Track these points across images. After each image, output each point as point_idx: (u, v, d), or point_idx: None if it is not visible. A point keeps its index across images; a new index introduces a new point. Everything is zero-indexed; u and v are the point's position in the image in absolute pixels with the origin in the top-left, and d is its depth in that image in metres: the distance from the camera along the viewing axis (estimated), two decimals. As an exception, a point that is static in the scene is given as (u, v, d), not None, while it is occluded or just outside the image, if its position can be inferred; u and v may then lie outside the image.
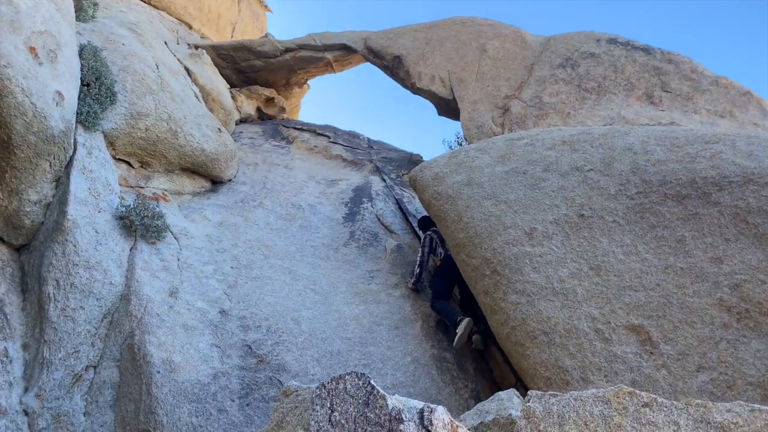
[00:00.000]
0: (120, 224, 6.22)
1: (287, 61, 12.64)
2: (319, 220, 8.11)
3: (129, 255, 6.03)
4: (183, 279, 5.99)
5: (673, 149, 4.53)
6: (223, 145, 8.84)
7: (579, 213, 4.67)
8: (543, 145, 5.50)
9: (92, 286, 5.54)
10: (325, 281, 6.63)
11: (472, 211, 5.40)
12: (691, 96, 7.38)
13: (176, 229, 6.80)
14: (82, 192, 6.11)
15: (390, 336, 5.81)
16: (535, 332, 4.35)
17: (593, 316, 4.14)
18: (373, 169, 10.14)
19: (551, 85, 8.36)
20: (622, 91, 7.79)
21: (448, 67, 9.72)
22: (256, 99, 13.05)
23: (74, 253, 5.60)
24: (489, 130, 8.41)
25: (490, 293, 4.89)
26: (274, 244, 7.19)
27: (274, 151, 10.77)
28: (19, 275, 5.89)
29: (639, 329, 3.94)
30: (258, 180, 9.19)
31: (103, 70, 7.21)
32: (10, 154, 5.65)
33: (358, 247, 7.51)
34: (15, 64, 5.57)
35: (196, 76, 10.64)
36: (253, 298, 6.04)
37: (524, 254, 4.73)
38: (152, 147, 7.64)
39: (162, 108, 7.76)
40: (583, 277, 4.34)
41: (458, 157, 6.24)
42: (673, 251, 4.06)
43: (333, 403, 2.12)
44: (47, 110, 5.79)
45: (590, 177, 4.82)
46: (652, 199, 4.35)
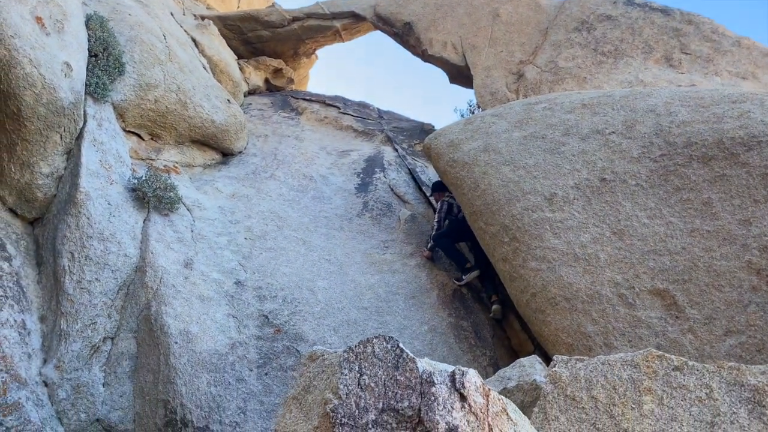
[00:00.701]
0: (132, 196, 6.16)
1: (295, 30, 12.43)
2: (332, 191, 8.03)
3: (142, 227, 5.99)
4: (197, 250, 5.95)
5: (698, 110, 4.39)
6: (232, 116, 8.74)
7: (601, 177, 4.56)
8: (562, 108, 5.36)
9: (107, 258, 5.51)
10: (340, 251, 6.57)
11: (490, 177, 5.30)
12: (711, 58, 7.18)
13: (189, 201, 6.75)
14: (94, 164, 6.05)
15: (406, 305, 5.77)
16: (556, 298, 4.29)
17: (616, 281, 4.06)
18: (385, 139, 10.01)
19: (567, 50, 8.16)
20: (639, 54, 7.59)
21: (459, 33, 9.51)
22: (264, 70, 12.89)
23: (88, 225, 5.56)
24: (503, 97, 8.25)
25: (508, 260, 4.81)
26: (288, 215, 7.13)
27: (284, 122, 10.65)
28: (33, 248, 5.87)
29: (664, 294, 3.86)
30: (269, 151, 9.10)
31: (110, 40, 7.09)
32: (21, 126, 5.59)
33: (371, 218, 7.44)
34: (22, 34, 5.47)
35: (203, 47, 10.49)
36: (268, 268, 6.00)
37: (544, 220, 4.64)
38: (162, 119, 7.56)
39: (171, 79, 7.66)
40: (605, 242, 4.25)
41: (474, 123, 6.11)
42: (699, 214, 3.96)
43: (362, 367, 2.07)
44: (56, 81, 5.71)
45: (612, 140, 4.70)
46: (676, 161, 4.23)
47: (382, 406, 1.95)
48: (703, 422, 2.62)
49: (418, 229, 7.21)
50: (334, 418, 1.94)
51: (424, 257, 6.67)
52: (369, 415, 1.94)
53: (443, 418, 1.87)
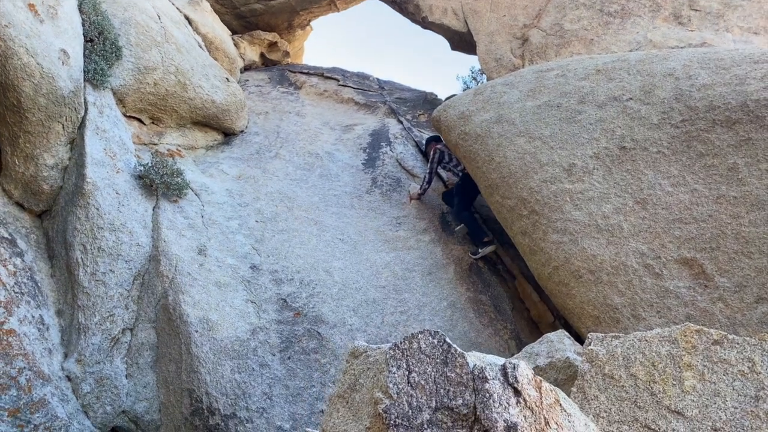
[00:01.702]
0: (140, 184, 6.08)
1: (288, 2, 12.14)
2: (339, 167, 7.93)
3: (152, 215, 5.91)
4: (210, 236, 5.89)
5: (718, 72, 4.27)
6: (232, 95, 8.59)
7: (620, 145, 4.47)
8: (575, 75, 5.24)
9: (120, 248, 5.45)
10: (353, 230, 6.51)
11: (504, 149, 5.21)
12: (721, 13, 7.00)
13: (196, 186, 6.66)
14: (98, 153, 5.94)
15: (424, 282, 5.74)
16: (580, 271, 4.24)
17: (642, 251, 4.01)
18: (388, 111, 9.86)
19: (572, 11, 7.96)
20: (647, 13, 7.40)
21: (460, -2, 9.29)
22: (259, 44, 12.63)
23: (98, 216, 5.49)
24: (509, 63, 8.08)
25: (528, 233, 4.76)
26: (296, 196, 7.04)
27: (283, 98, 10.48)
28: (44, 242, 5.80)
29: (691, 262, 3.81)
30: (271, 129, 8.97)
31: (105, 24, 6.90)
32: (22, 118, 5.47)
33: (381, 194, 7.36)
34: (16, 23, 5.31)
35: (197, 25, 10.25)
36: (282, 251, 5.95)
37: (564, 191, 4.56)
38: (162, 102, 7.42)
39: (169, 60, 7.49)
40: (628, 212, 4.19)
41: (484, 93, 5.98)
42: (724, 180, 3.88)
43: (409, 364, 2.02)
44: (54, 70, 5.57)
45: (630, 107, 4.59)
46: (698, 126, 4.14)
47: (436, 405, 1.91)
48: (747, 396, 2.60)
49: (430, 203, 7.13)
50: (387, 419, 1.89)
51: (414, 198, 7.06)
52: (423, 415, 1.89)
53: (500, 415, 1.82)
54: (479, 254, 6.16)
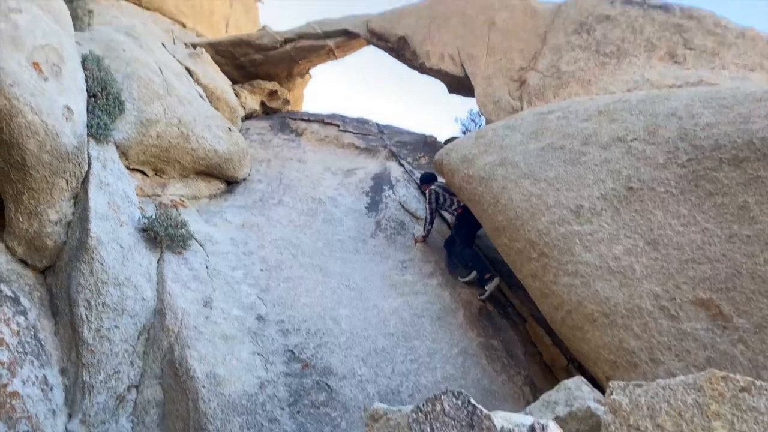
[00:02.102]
0: (144, 237, 6.04)
1: (288, 52, 12.34)
2: (342, 212, 7.92)
3: (157, 267, 5.86)
4: (215, 287, 5.83)
5: (722, 111, 4.29)
6: (235, 144, 8.64)
7: (627, 186, 4.46)
8: (577, 117, 5.27)
9: (124, 303, 5.38)
10: (358, 276, 6.45)
11: (510, 192, 5.19)
12: (716, 51, 7.10)
13: (200, 236, 6.63)
14: (102, 207, 5.93)
15: (433, 328, 5.65)
16: (593, 314, 4.17)
17: (656, 293, 3.95)
18: (389, 155, 9.91)
19: (568, 53, 8.08)
20: (643, 53, 7.51)
21: (456, 43, 9.43)
22: (260, 93, 12.80)
23: (102, 271, 5.43)
24: (507, 105, 8.16)
25: (538, 276, 4.70)
26: (301, 242, 7.01)
27: (285, 145, 10.54)
28: (47, 298, 5.73)
29: (708, 303, 3.74)
30: (273, 176, 8.99)
31: (108, 79, 6.99)
32: (26, 175, 5.47)
33: (386, 237, 7.32)
34: (21, 82, 5.37)
35: (198, 76, 10.40)
36: (287, 300, 5.88)
37: (573, 233, 4.53)
38: (165, 153, 7.45)
39: (171, 112, 7.56)
40: (639, 253, 4.14)
41: (486, 136, 6.01)
42: (736, 219, 3.85)
43: (433, 428, 1.95)
44: (58, 127, 5.60)
45: (635, 147, 4.60)
46: (705, 165, 4.13)
47: (464, 471, 1.84)
48: (780, 446, 2.50)
49: (435, 245, 7.10)
50: (413, 487, 1.81)
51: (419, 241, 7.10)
52: (451, 482, 1.82)
53: (533, 480, 1.75)
54: (486, 293, 6.17)
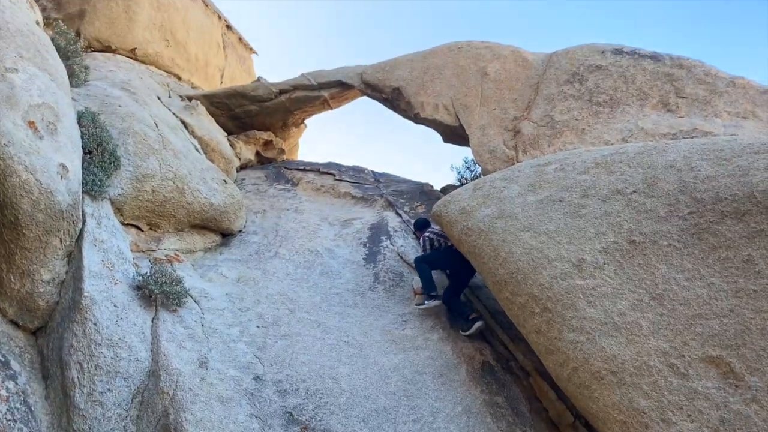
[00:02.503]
0: (138, 294, 5.93)
1: (283, 102, 12.46)
2: (340, 264, 7.83)
3: (151, 326, 5.73)
4: (210, 346, 5.69)
5: (720, 163, 4.30)
6: (230, 196, 8.61)
7: (629, 239, 4.42)
8: (575, 169, 5.27)
9: (118, 365, 5.23)
10: (357, 331, 6.32)
11: (510, 245, 5.14)
12: (708, 99, 7.19)
13: (195, 292, 6.52)
14: (96, 265, 5.84)
15: (435, 385, 5.50)
16: (601, 372, 4.07)
17: (664, 350, 3.86)
18: (386, 204, 9.89)
19: (561, 103, 8.17)
20: (635, 102, 7.60)
21: (450, 94, 9.54)
22: (255, 143, 12.87)
23: (95, 331, 5.30)
24: (502, 154, 8.20)
25: (542, 332, 4.60)
26: (298, 296, 6.90)
27: (281, 195, 10.53)
28: (38, 360, 5.58)
29: (718, 361, 3.66)
30: (269, 228, 8.93)
31: (103, 135, 7.00)
32: (19, 235, 5.39)
33: (385, 290, 7.22)
34: (15, 141, 5.35)
35: (193, 128, 10.45)
36: (285, 358, 5.73)
37: (576, 288, 4.46)
38: (160, 208, 7.40)
39: (166, 167, 7.55)
40: (645, 309, 4.07)
41: (483, 188, 6.00)
42: (741, 273, 3.80)
43: None
44: (53, 185, 5.55)
45: (634, 199, 4.58)
46: (707, 218, 4.10)
47: None
48: None
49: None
50: None
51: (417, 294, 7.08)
52: None
53: None
54: (425, 306, 6.63)
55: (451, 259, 6.85)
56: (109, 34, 12.31)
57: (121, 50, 12.64)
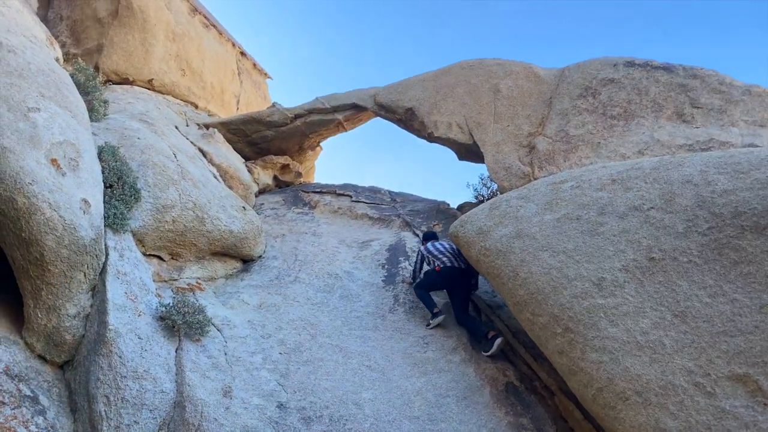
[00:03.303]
0: (162, 325, 6.00)
1: (298, 127, 12.61)
2: (359, 287, 7.86)
3: (175, 357, 5.78)
4: (234, 375, 5.72)
5: (738, 176, 4.26)
6: (249, 223, 8.70)
7: (648, 256, 4.38)
8: (591, 186, 5.25)
9: (144, 397, 5.28)
10: (379, 354, 6.32)
11: (529, 265, 5.13)
12: (724, 109, 7.14)
13: (218, 320, 6.58)
14: (120, 298, 5.93)
15: (459, 408, 5.47)
16: (626, 392, 4.02)
17: (689, 368, 3.81)
18: (403, 224, 9.92)
19: (575, 117, 8.16)
20: (650, 114, 7.57)
21: (463, 112, 9.58)
22: (272, 168, 13.01)
23: (120, 364, 5.37)
24: (518, 171, 8.19)
25: (565, 353, 4.57)
26: (319, 321, 6.92)
27: (299, 218, 10.62)
28: (66, 394, 5.66)
29: (745, 379, 3.60)
30: (288, 252, 8.99)
31: (123, 168, 7.14)
32: (45, 271, 5.51)
33: (405, 312, 7.22)
34: (39, 179, 5.49)
35: (211, 156, 10.62)
36: (308, 385, 5.75)
37: (597, 307, 4.43)
38: (181, 237, 7.51)
39: (186, 197, 7.66)
40: (668, 327, 4.02)
41: (500, 207, 6.00)
42: (765, 288, 3.74)
43: None
44: (76, 221, 5.68)
45: (652, 216, 4.55)
46: (727, 233, 4.06)
47: None
48: None
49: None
50: None
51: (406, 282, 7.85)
52: None
53: None
54: (431, 325, 6.90)
55: (446, 279, 7.09)
56: (127, 67, 12.60)
57: (138, 81, 12.92)
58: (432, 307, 6.95)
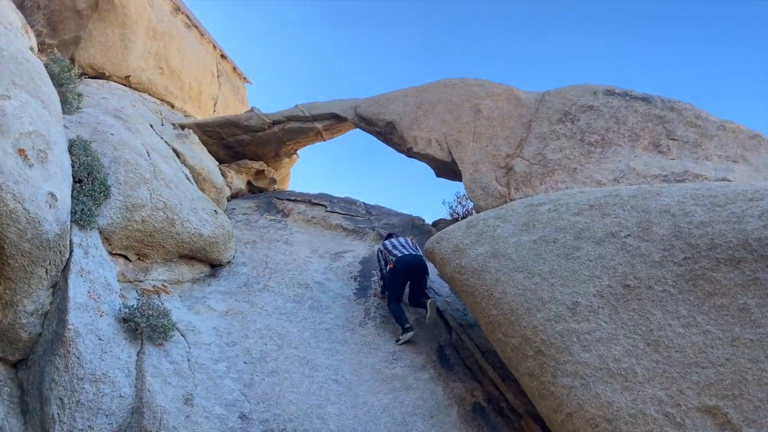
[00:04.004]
0: (124, 327, 5.80)
1: (276, 133, 12.49)
2: (330, 298, 7.75)
3: (136, 361, 5.59)
4: (196, 382, 5.56)
5: (714, 209, 4.31)
6: (220, 227, 8.52)
7: (624, 283, 4.40)
8: (568, 210, 5.27)
9: (100, 401, 5.08)
10: (347, 369, 6.22)
11: (504, 285, 5.11)
12: (699, 142, 7.28)
13: (182, 325, 6.40)
14: (82, 296, 5.71)
15: (426, 427, 5.39)
16: (596, 419, 4.00)
17: (660, 398, 3.81)
18: (377, 238, 9.85)
19: (553, 141, 8.24)
20: (627, 143, 7.68)
21: (443, 129, 9.60)
22: (246, 173, 12.84)
23: (78, 366, 5.16)
24: (495, 191, 8.22)
25: (536, 376, 4.54)
26: (287, 332, 6.79)
27: (271, 225, 10.46)
28: (17, 394, 5.42)
29: (715, 411, 3.61)
30: (259, 259, 8.84)
31: (94, 164, 6.93)
32: (4, 265, 5.28)
33: (375, 326, 7.13)
34: (5, 169, 5.27)
35: (185, 157, 10.41)
36: (272, 396, 5.61)
37: (570, 331, 4.41)
38: (149, 238, 7.30)
39: (157, 197, 7.47)
40: (640, 355, 4.03)
41: (477, 226, 5.99)
42: (737, 321, 3.78)
43: None
44: (41, 214, 5.46)
45: (629, 243, 4.57)
46: (702, 264, 4.10)
47: None
48: None
49: (426, 335, 6.92)
50: None
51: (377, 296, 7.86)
52: None
53: None
54: (400, 341, 6.85)
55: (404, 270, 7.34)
56: (104, 61, 12.33)
57: (115, 77, 12.66)
58: (404, 322, 6.93)
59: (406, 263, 7.31)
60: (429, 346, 6.66)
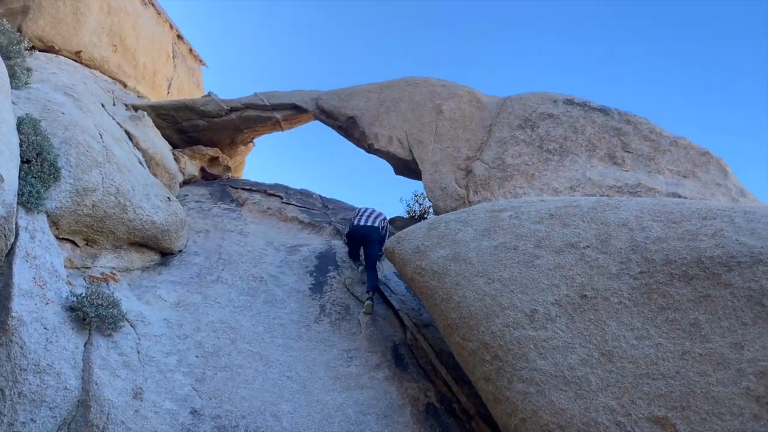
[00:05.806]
0: (71, 316, 5.58)
1: (233, 120, 12.23)
2: (285, 293, 7.66)
3: (83, 352, 5.39)
4: (146, 376, 5.41)
5: (670, 225, 4.47)
6: (173, 215, 8.30)
7: (581, 293, 4.52)
8: (529, 218, 5.37)
9: (44, 393, 4.87)
10: (301, 365, 6.17)
11: (463, 289, 5.16)
12: (652, 156, 7.54)
13: (132, 315, 6.21)
14: (27, 283, 5.46)
15: (379, 427, 5.41)
16: (549, 425, 4.10)
17: (611, 407, 3.94)
18: (334, 232, 9.79)
19: (512, 146, 8.37)
20: (584, 152, 7.88)
21: (405, 127, 9.61)
22: (200, 159, 12.54)
23: (21, 356, 4.93)
24: (454, 192, 8.29)
25: (492, 380, 4.62)
26: (240, 326, 6.68)
27: (225, 215, 10.25)
28: (-46, 385, 5.13)
29: (664, 422, 3.75)
30: (212, 249, 8.66)
31: (44, 144, 6.62)
32: (-56, 247, 5.00)
33: (330, 323, 7.10)
34: (-52, 146, 4.98)
35: (137, 140, 10.08)
36: (225, 392, 5.51)
37: (527, 338, 4.51)
38: (99, 224, 7.05)
39: (109, 181, 7.21)
40: (595, 364, 4.15)
41: (438, 228, 6.03)
42: (688, 336, 3.94)
43: None
44: (-14, 195, 5.19)
45: (588, 254, 4.70)
46: (657, 279, 4.25)
47: None
48: None
49: (381, 333, 6.93)
50: None
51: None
52: None
53: None
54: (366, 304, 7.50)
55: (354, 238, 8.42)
56: (54, 34, 11.78)
57: (65, 51, 12.12)
58: (372, 289, 7.71)
59: (355, 233, 8.35)
60: (384, 345, 6.68)
